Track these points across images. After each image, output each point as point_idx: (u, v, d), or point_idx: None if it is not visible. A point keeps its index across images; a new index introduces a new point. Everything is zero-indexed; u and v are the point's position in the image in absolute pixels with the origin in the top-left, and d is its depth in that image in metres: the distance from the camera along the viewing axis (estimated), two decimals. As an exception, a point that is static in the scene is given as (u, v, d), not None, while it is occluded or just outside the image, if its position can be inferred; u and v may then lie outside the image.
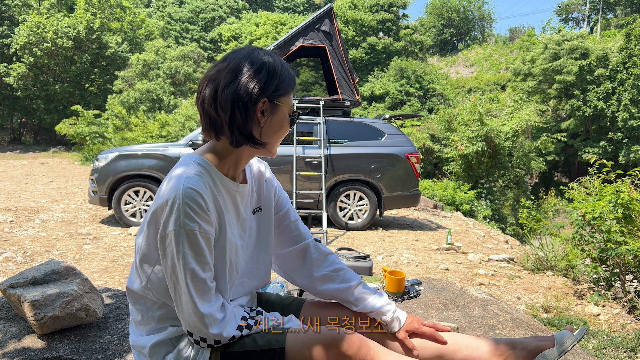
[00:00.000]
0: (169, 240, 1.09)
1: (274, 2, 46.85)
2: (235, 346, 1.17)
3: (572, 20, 45.44)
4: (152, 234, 1.14)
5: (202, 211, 1.09)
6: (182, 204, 1.07)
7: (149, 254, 1.17)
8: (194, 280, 1.10)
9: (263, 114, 1.17)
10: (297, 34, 6.63)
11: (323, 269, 1.40)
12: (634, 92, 20.73)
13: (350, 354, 1.13)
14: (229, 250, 1.20)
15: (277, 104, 1.18)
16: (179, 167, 1.16)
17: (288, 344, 1.16)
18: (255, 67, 1.15)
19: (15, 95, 25.55)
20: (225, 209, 1.19)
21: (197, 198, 1.09)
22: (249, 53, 1.18)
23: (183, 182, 1.09)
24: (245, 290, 1.33)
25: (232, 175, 1.24)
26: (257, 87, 1.14)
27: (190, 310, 1.11)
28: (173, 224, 1.07)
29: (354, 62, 30.91)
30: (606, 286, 4.08)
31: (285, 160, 6.22)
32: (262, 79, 1.14)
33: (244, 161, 1.24)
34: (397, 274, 2.64)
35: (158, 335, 1.21)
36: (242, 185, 1.27)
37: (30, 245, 4.76)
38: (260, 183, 1.39)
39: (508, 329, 2.19)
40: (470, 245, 5.97)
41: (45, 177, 11.54)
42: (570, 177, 24.65)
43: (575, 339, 1.30)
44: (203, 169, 1.16)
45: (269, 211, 1.39)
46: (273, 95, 1.17)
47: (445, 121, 13.90)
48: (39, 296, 1.75)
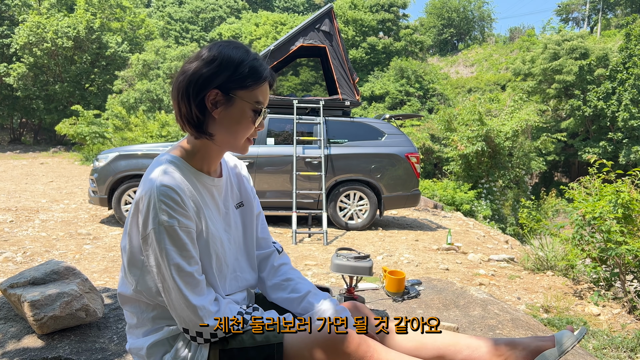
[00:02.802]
0: (150, 239, 1.09)
1: (274, 2, 46.84)
2: (233, 342, 1.16)
3: (572, 20, 45.44)
4: (134, 237, 1.16)
5: (179, 206, 1.10)
6: (157, 201, 1.08)
7: (135, 257, 1.18)
8: (180, 275, 1.10)
9: (216, 106, 1.15)
10: (297, 34, 6.63)
11: (276, 278, 1.41)
12: (634, 92, 20.72)
13: (350, 352, 1.13)
14: (212, 243, 1.20)
15: (232, 97, 1.15)
16: (151, 168, 1.17)
17: (287, 340, 1.16)
18: (208, 58, 1.14)
19: (15, 95, 25.54)
20: (203, 203, 1.20)
21: (172, 194, 1.10)
22: (212, 46, 1.17)
23: (156, 181, 1.10)
24: (240, 285, 1.34)
25: (206, 170, 1.24)
26: (203, 77, 1.12)
27: (182, 305, 1.11)
28: (152, 223, 1.08)
29: (354, 62, 30.89)
30: (606, 286, 4.08)
31: (285, 160, 6.22)
32: (211, 70, 1.13)
33: (214, 156, 1.24)
34: (397, 274, 2.64)
35: (154, 336, 1.21)
36: (218, 180, 1.27)
37: (30, 245, 4.76)
38: (239, 178, 1.40)
39: (508, 329, 2.19)
40: (470, 245, 5.97)
41: (45, 177, 11.54)
42: (570, 177, 24.63)
43: (576, 339, 1.30)
44: (175, 165, 1.17)
45: (250, 206, 1.40)
46: (227, 87, 1.14)
47: (445, 121, 13.90)
48: (39, 296, 1.75)
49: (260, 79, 1.17)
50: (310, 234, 6.04)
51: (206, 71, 1.13)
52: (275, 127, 6.46)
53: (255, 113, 1.19)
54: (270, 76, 1.20)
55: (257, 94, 1.18)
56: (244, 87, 1.15)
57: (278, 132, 6.47)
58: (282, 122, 6.49)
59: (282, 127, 6.51)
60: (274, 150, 6.28)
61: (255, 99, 1.18)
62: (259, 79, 1.17)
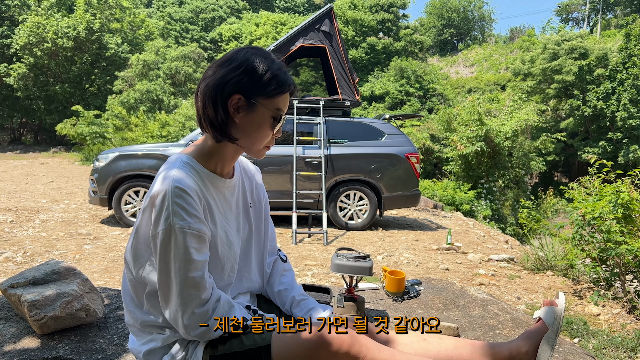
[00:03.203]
0: (159, 238, 1.10)
1: (274, 2, 46.84)
2: (222, 348, 1.17)
3: (572, 21, 45.45)
4: (144, 229, 1.16)
5: (192, 209, 1.11)
6: (171, 203, 1.09)
7: (139, 247, 1.18)
8: (184, 279, 1.10)
9: (238, 111, 1.18)
10: (297, 34, 6.64)
11: (280, 285, 1.45)
12: (634, 92, 20.73)
13: (342, 352, 1.11)
14: (221, 245, 1.21)
15: (254, 103, 1.17)
16: (166, 166, 1.18)
17: (275, 342, 1.15)
18: (234, 64, 1.16)
19: (15, 95, 25.53)
20: (215, 205, 1.21)
21: (186, 196, 1.10)
22: (238, 51, 1.20)
23: (171, 181, 1.11)
24: (246, 286, 1.34)
25: (219, 171, 1.26)
26: (229, 83, 1.15)
27: (175, 306, 1.12)
28: (163, 223, 1.09)
29: (354, 62, 30.89)
30: (606, 286, 4.08)
31: (285, 160, 6.22)
32: (237, 76, 1.15)
33: (229, 158, 1.25)
34: (397, 274, 2.65)
35: (150, 344, 1.23)
36: (229, 181, 1.29)
37: (30, 246, 4.76)
38: (251, 181, 1.43)
39: (508, 329, 2.19)
40: (470, 245, 5.97)
41: (45, 177, 11.54)
42: (570, 177, 24.64)
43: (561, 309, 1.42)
44: (190, 167, 1.18)
45: (260, 208, 1.43)
46: (250, 93, 1.17)
47: (445, 121, 13.90)
48: (39, 296, 1.76)
49: (283, 87, 1.19)
50: (310, 234, 6.04)
51: (232, 76, 1.15)
52: (275, 127, 6.46)
53: (275, 120, 1.21)
54: (293, 86, 1.22)
55: (279, 102, 1.21)
56: (266, 95, 1.18)
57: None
58: (282, 122, 6.49)
59: (282, 127, 6.50)
60: (274, 150, 6.26)
61: (276, 106, 1.20)
62: (282, 88, 1.19)
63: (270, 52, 1.23)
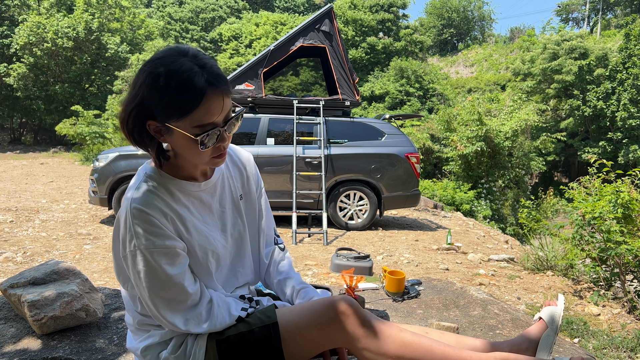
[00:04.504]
0: (128, 260, 1.10)
1: (274, 2, 46.83)
2: (228, 332, 1.17)
3: (572, 21, 45.44)
4: (117, 251, 1.16)
5: (155, 227, 1.08)
6: (131, 225, 1.07)
7: (120, 267, 1.19)
8: (163, 295, 1.11)
9: (160, 133, 1.06)
10: (297, 34, 6.64)
11: (278, 275, 1.42)
12: (634, 92, 20.72)
13: (349, 313, 1.13)
14: (200, 252, 1.18)
15: (169, 127, 1.03)
16: (132, 182, 1.15)
17: (282, 319, 1.16)
18: (137, 87, 1.03)
19: (15, 95, 25.54)
20: (187, 213, 1.16)
21: (146, 216, 1.07)
22: (145, 65, 1.04)
23: (129, 203, 1.08)
24: (241, 281, 1.33)
25: (190, 176, 1.19)
26: (136, 109, 1.03)
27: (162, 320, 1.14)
28: (128, 244, 1.08)
29: (354, 62, 30.88)
30: (606, 286, 4.08)
31: (285, 160, 6.22)
32: (140, 101, 1.02)
33: (192, 165, 1.18)
34: (397, 274, 2.65)
35: (147, 341, 1.23)
36: (205, 183, 1.21)
37: (30, 246, 4.76)
38: (242, 172, 1.36)
39: (508, 329, 2.20)
40: (470, 245, 5.97)
41: (45, 177, 11.54)
42: (570, 177, 24.63)
43: (560, 310, 1.43)
44: (153, 180, 1.12)
45: (252, 198, 1.38)
46: (161, 118, 1.03)
47: (445, 121, 13.90)
48: (39, 296, 1.76)
49: (193, 101, 0.99)
50: (310, 234, 6.04)
51: (136, 102, 1.03)
52: (276, 127, 6.47)
53: (202, 136, 1.03)
54: (210, 86, 1.00)
55: (198, 116, 1.01)
56: (177, 115, 1.01)
57: (278, 132, 6.48)
58: (282, 122, 6.50)
59: (282, 127, 6.51)
60: (274, 150, 6.28)
61: (195, 123, 1.02)
62: (191, 102, 0.99)
63: (180, 51, 1.03)
